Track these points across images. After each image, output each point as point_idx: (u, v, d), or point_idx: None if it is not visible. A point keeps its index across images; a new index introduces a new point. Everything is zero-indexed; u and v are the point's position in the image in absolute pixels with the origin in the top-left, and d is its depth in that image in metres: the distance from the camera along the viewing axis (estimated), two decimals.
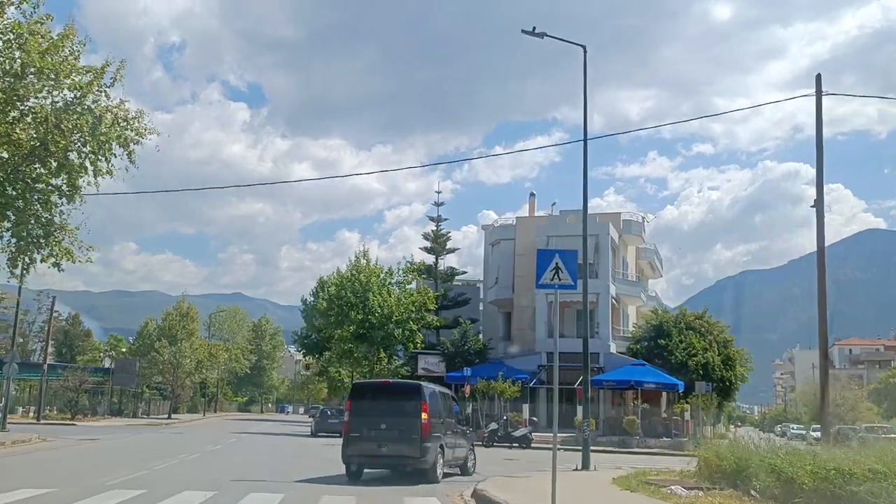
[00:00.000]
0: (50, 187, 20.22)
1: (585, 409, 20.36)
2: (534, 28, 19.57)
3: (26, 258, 19.89)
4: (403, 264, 47.60)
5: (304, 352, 69.85)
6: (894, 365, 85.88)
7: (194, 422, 57.28)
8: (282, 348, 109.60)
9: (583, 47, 19.80)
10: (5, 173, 19.03)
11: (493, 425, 35.27)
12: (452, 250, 57.64)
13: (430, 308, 46.55)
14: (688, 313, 44.73)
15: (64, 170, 20.10)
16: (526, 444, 34.08)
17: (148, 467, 16.68)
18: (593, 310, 44.56)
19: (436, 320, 47.63)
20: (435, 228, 56.61)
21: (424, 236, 56.83)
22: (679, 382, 38.19)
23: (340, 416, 44.23)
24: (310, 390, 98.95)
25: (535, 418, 37.47)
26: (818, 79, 20.88)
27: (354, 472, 15.79)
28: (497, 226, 52.04)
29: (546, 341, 44.04)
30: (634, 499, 12.17)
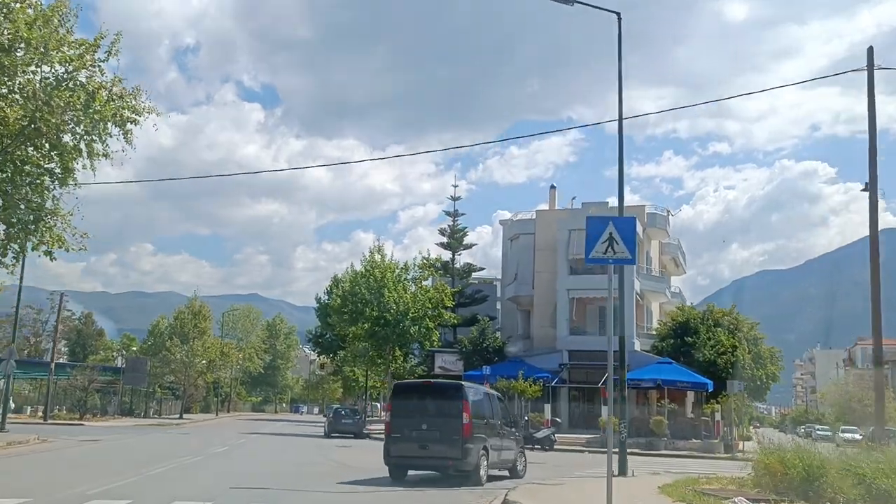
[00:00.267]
0: (41, 170, 18.93)
1: (620, 408, 18.62)
2: None
3: (16, 245, 18.56)
4: (419, 260, 45.93)
5: (319, 351, 68.68)
6: None
7: (206, 422, 56.01)
8: (296, 348, 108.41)
9: (617, 14, 18.18)
10: None
11: None
12: (469, 246, 56.09)
13: (446, 305, 44.89)
14: (715, 309, 42.90)
15: (56, 151, 18.80)
16: (549, 445, 32.55)
17: (141, 472, 15.22)
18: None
19: (453, 317, 45.95)
20: (451, 223, 55.13)
21: (440, 231, 55.39)
22: (708, 381, 36.39)
23: (355, 416, 42.94)
24: (324, 390, 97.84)
25: (557, 419, 35.84)
26: (870, 52, 19.13)
27: (398, 473, 15.64)
28: (516, 220, 50.27)
29: (567, 339, 42.42)
30: None
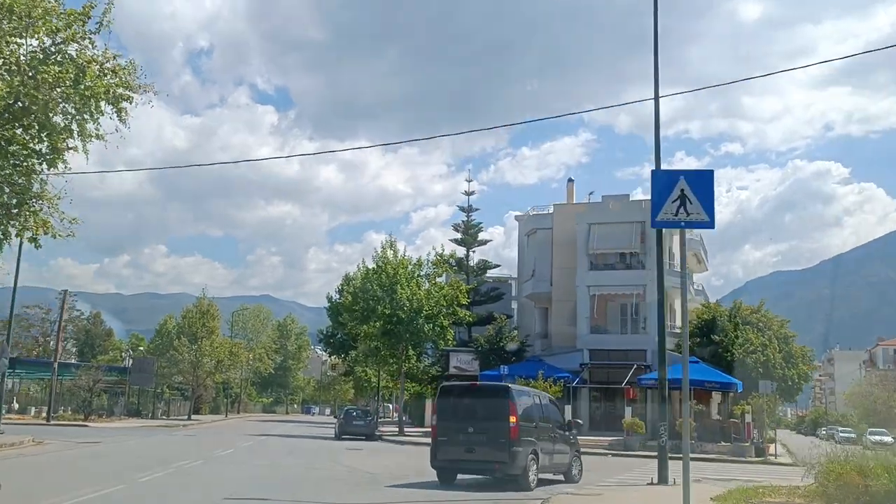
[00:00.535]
0: (28, 151, 17.50)
1: (660, 410, 16.92)
2: None
3: None
4: (433, 256, 44.23)
5: (330, 351, 67.31)
6: None
7: (214, 423, 54.66)
8: (308, 348, 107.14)
9: None
10: None
11: None
12: (484, 242, 54.46)
13: (461, 303, 43.20)
14: (743, 307, 41.18)
15: (45, 130, 17.37)
16: None
17: (130, 479, 13.72)
18: (640, 303, 41.22)
19: (468, 315, 44.24)
20: (465, 219, 53.52)
21: (454, 227, 53.80)
22: (737, 381, 34.63)
23: (366, 418, 41.36)
24: (336, 391, 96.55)
25: (579, 420, 34.01)
26: None
27: (446, 477, 15.62)
28: (532, 214, 48.52)
29: (588, 338, 40.75)
30: None
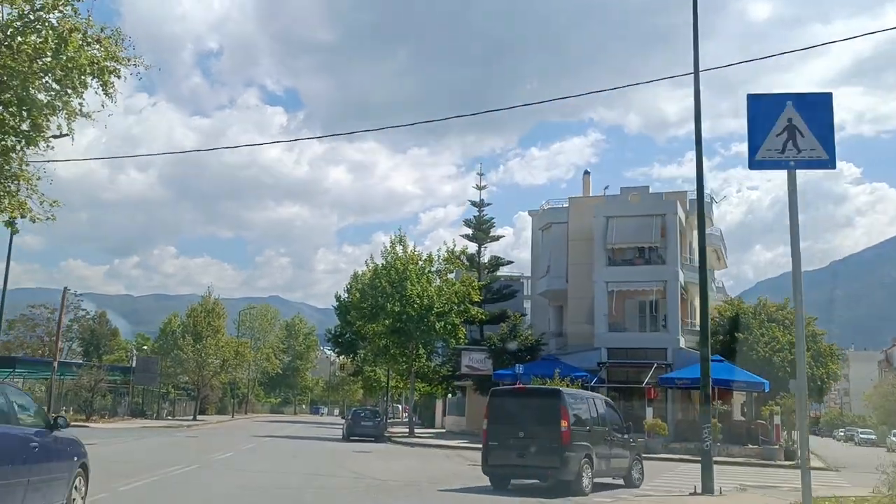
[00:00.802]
0: (6, 128, 16.11)
1: (704, 411, 15.28)
2: None
3: None
4: (443, 251, 42.62)
5: (338, 350, 65.79)
6: None
7: (219, 424, 53.34)
8: (316, 348, 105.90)
9: None
10: None
11: None
12: (496, 238, 52.90)
13: (473, 300, 41.64)
14: (768, 303, 39.47)
15: (24, 105, 15.97)
16: None
17: (110, 488, 12.23)
18: (659, 300, 39.56)
19: (480, 313, 42.64)
20: (477, 214, 51.94)
21: (466, 223, 52.24)
22: (765, 381, 32.93)
23: (375, 419, 39.81)
24: (345, 391, 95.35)
25: None
26: None
27: (499, 482, 15.48)
28: (547, 208, 46.85)
29: (606, 336, 39.10)
30: None
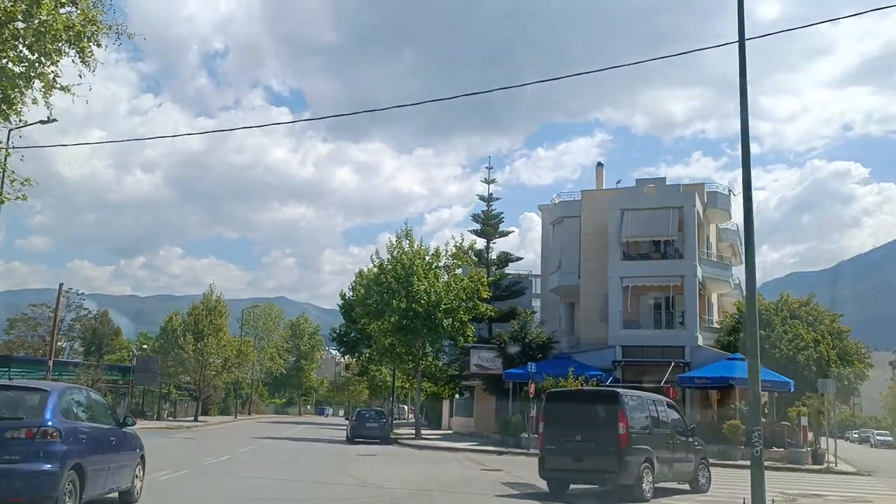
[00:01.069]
0: None
1: (753, 412, 13.63)
2: None
3: None
4: (451, 247, 40.99)
5: (343, 350, 64.34)
6: None
7: (221, 425, 51.90)
8: (321, 348, 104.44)
9: None
10: None
11: None
12: (505, 233, 51.15)
13: (482, 296, 40.02)
14: (791, 299, 37.88)
15: None
16: None
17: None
18: (676, 296, 37.97)
19: (490, 310, 41.00)
20: (486, 208, 50.36)
21: (474, 218, 50.57)
22: (789, 381, 31.32)
23: (380, 420, 38.22)
24: (350, 392, 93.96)
25: None
26: None
27: (556, 486, 15.18)
28: (558, 202, 45.22)
29: (621, 333, 37.54)
30: None
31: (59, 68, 14.60)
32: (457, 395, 53.80)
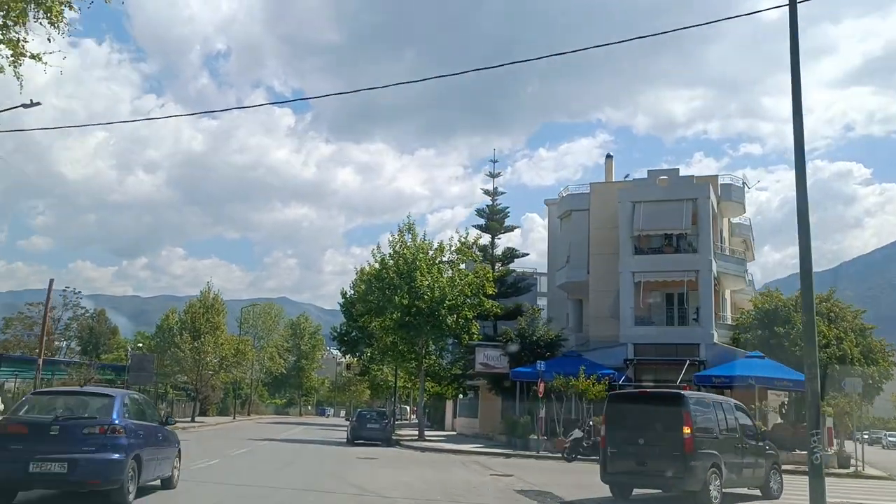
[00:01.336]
0: None
1: (811, 414, 12.10)
2: None
3: None
4: (455, 242, 39.41)
5: (344, 349, 62.91)
6: None
7: (218, 426, 50.40)
8: (322, 348, 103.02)
9: None
10: None
11: (577, 433, 27.47)
12: (511, 228, 49.59)
13: (487, 293, 38.45)
14: None
15: None
16: None
17: None
18: (691, 291, 36.42)
19: (495, 306, 39.41)
20: (491, 202, 48.83)
21: (478, 212, 49.02)
22: None
23: (382, 421, 36.60)
24: (352, 392, 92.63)
25: None
26: None
27: (620, 491, 14.59)
28: (566, 195, 43.61)
29: (632, 330, 35.98)
30: None
31: (27, 31, 13.25)
32: (460, 396, 52.33)
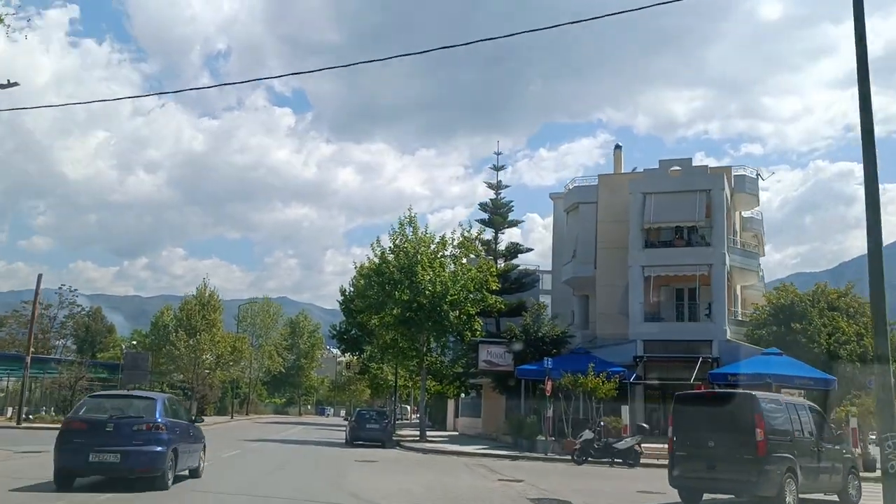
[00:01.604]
0: None
1: (884, 414, 10.73)
2: None
3: None
4: (458, 234, 37.93)
5: (343, 347, 61.43)
6: None
7: (215, 426, 48.87)
8: (321, 346, 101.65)
9: None
10: None
11: (587, 434, 26.03)
12: (515, 223, 48.16)
13: (491, 288, 37.02)
14: (828, 290, 34.83)
15: None
16: (634, 460, 24.95)
17: None
18: (702, 286, 35.04)
19: (499, 302, 37.97)
20: (494, 196, 47.39)
21: (481, 207, 47.57)
22: (832, 377, 28.40)
23: (382, 421, 35.06)
24: (352, 391, 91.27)
25: (644, 424, 28.04)
26: None
27: (689, 496, 13.85)
28: (573, 187, 42.15)
29: (642, 326, 34.62)
30: None
31: None
32: (462, 395, 50.92)
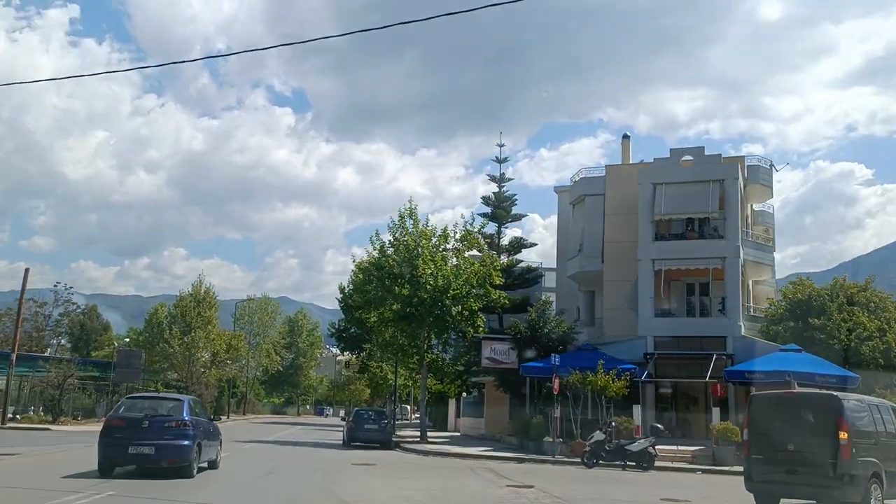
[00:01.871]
0: None
1: None
2: None
3: None
4: (460, 228, 36.50)
5: (343, 346, 60.05)
6: None
7: None
8: (320, 345, 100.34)
9: None
10: None
11: (598, 435, 24.57)
12: (518, 217, 46.84)
13: (494, 282, 35.61)
14: (848, 284, 33.41)
15: None
16: (648, 463, 23.52)
17: None
18: (715, 281, 33.61)
19: (503, 297, 36.55)
20: (497, 190, 46.01)
21: (484, 200, 46.25)
22: (855, 375, 26.96)
23: (381, 421, 33.59)
24: (351, 391, 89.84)
25: (659, 425, 26.60)
26: None
27: (766, 501, 13.08)
28: (579, 179, 40.68)
29: (652, 322, 33.17)
30: None
31: None
32: (464, 394, 49.51)
